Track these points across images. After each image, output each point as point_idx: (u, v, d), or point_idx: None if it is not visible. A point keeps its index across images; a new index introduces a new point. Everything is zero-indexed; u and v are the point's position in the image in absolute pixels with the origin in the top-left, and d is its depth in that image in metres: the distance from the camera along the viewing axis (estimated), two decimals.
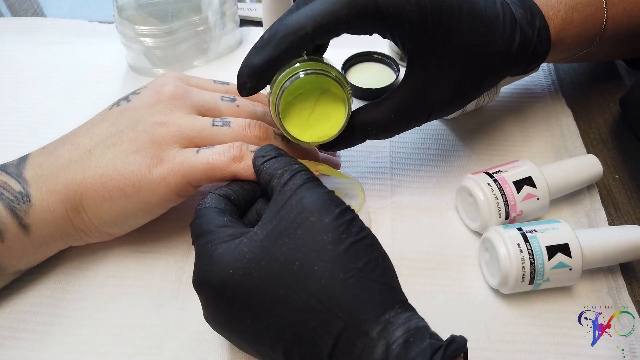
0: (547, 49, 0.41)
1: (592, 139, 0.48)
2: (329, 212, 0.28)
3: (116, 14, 0.51)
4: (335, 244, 0.27)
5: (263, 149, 0.34)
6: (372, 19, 0.33)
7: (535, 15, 0.40)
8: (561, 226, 0.36)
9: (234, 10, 0.56)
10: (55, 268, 0.38)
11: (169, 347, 0.35)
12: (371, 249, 0.29)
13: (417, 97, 0.37)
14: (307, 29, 0.31)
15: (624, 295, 0.37)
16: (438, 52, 0.36)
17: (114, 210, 0.35)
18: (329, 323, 0.26)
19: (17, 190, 0.34)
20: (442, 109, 0.39)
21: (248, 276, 0.28)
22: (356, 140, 0.38)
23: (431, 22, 0.34)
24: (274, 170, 0.32)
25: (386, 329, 0.26)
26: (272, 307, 0.27)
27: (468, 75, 0.38)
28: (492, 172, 0.39)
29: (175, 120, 0.36)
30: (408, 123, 0.39)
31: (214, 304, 0.30)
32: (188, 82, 0.40)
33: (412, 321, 0.26)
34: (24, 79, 0.54)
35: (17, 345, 0.35)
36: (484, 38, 0.37)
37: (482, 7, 0.37)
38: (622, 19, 0.43)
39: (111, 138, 0.36)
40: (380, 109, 0.37)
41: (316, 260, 0.27)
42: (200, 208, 0.32)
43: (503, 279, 0.35)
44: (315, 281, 0.27)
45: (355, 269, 0.27)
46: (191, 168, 0.34)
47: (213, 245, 0.29)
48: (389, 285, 0.28)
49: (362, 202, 0.39)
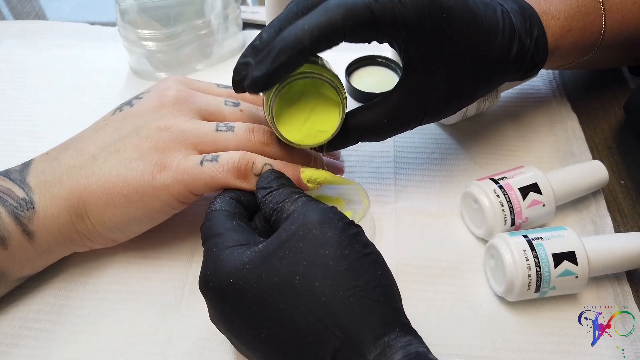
0: (544, 58, 0.41)
1: (597, 143, 0.48)
2: (332, 226, 0.28)
3: (118, 18, 0.51)
4: (337, 260, 0.27)
5: (265, 178, 0.34)
6: (368, 28, 0.33)
7: (534, 24, 0.39)
8: (567, 233, 0.36)
9: (237, 13, 0.56)
10: (59, 275, 0.38)
11: (172, 354, 0.35)
12: (374, 266, 0.28)
13: (410, 101, 0.37)
14: (305, 42, 0.31)
15: (630, 302, 0.37)
16: (434, 59, 0.35)
17: (118, 216, 0.35)
18: (326, 342, 0.26)
19: (20, 197, 0.34)
20: (434, 114, 0.39)
21: (248, 287, 0.27)
22: (349, 143, 0.38)
23: (429, 30, 0.34)
24: (275, 204, 0.32)
25: (384, 352, 0.25)
26: (272, 320, 0.27)
27: (463, 82, 0.37)
28: (497, 178, 0.39)
29: (179, 125, 0.36)
30: (400, 127, 0.38)
31: (216, 307, 0.30)
32: (191, 86, 0.39)
33: (412, 346, 0.26)
34: (25, 82, 0.54)
35: (19, 353, 0.35)
36: (481, 47, 0.36)
37: (482, 14, 0.36)
38: (621, 27, 0.43)
39: (115, 144, 0.36)
40: (373, 112, 0.37)
41: (317, 275, 0.27)
42: (210, 210, 0.33)
43: (508, 286, 0.35)
44: (314, 298, 0.26)
45: (357, 287, 0.26)
46: (194, 179, 0.34)
47: (218, 250, 0.29)
48: (390, 306, 0.27)
49: (366, 208, 0.39)
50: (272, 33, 0.33)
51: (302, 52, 0.31)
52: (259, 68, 0.32)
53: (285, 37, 0.32)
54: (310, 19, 0.32)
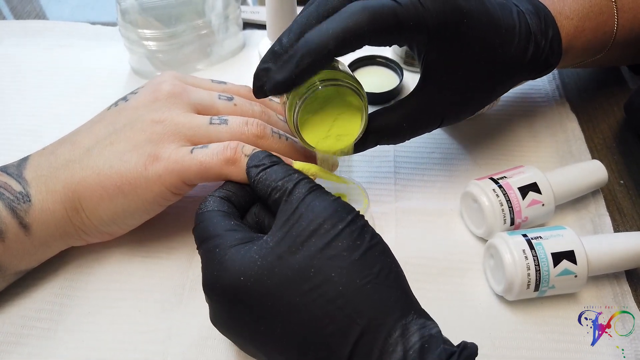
0: (559, 58, 0.41)
1: (596, 144, 0.48)
2: (341, 219, 0.28)
3: (119, 18, 0.51)
4: (350, 251, 0.27)
5: (255, 157, 0.33)
6: (392, 32, 0.33)
7: (549, 25, 0.40)
8: (566, 233, 0.36)
9: (237, 13, 0.56)
10: (60, 274, 0.38)
11: (172, 353, 0.35)
12: (384, 255, 0.29)
13: (429, 105, 0.37)
14: (330, 46, 0.31)
15: (629, 301, 0.37)
16: (453, 62, 0.36)
17: (112, 209, 0.35)
18: (348, 329, 0.26)
19: (17, 191, 0.34)
20: (453, 117, 0.39)
21: (260, 283, 0.27)
22: (368, 146, 0.38)
23: (450, 34, 0.34)
24: (272, 182, 0.31)
25: (403, 334, 0.26)
26: (287, 314, 0.27)
27: (480, 84, 0.38)
28: (497, 178, 0.39)
29: (173, 118, 0.36)
30: (419, 130, 0.39)
31: (224, 309, 0.29)
32: (186, 81, 0.40)
33: (427, 327, 0.27)
34: (26, 82, 0.54)
35: (22, 351, 0.35)
36: (499, 49, 0.37)
37: (500, 17, 0.37)
38: (633, 25, 0.43)
39: (109, 137, 0.36)
40: (392, 116, 0.37)
41: (332, 267, 0.27)
42: (202, 212, 0.32)
43: (508, 285, 0.35)
44: (332, 288, 0.27)
45: (372, 275, 0.27)
46: (185, 168, 0.34)
47: (222, 250, 0.29)
48: (404, 291, 0.28)
49: (366, 208, 0.39)
50: (292, 37, 0.33)
51: (326, 56, 0.32)
52: (281, 72, 0.32)
53: (308, 41, 0.32)
54: (335, 23, 0.32)
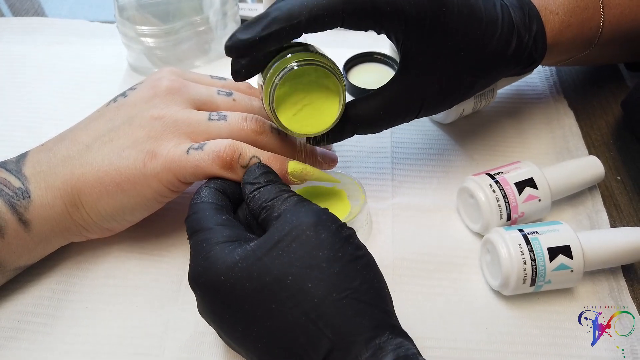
0: (543, 53, 0.41)
1: (593, 140, 0.48)
2: (325, 228, 0.28)
3: (117, 14, 0.51)
4: (330, 262, 0.27)
5: (252, 173, 0.33)
6: (367, 16, 0.32)
7: (533, 19, 0.39)
8: (563, 228, 0.36)
9: (235, 10, 0.56)
10: (57, 269, 0.38)
11: (169, 348, 0.35)
12: (367, 269, 0.28)
13: (407, 94, 0.37)
14: (301, 18, 0.31)
15: (625, 296, 0.37)
16: (432, 52, 0.36)
17: (111, 205, 0.35)
18: (318, 343, 0.26)
19: (16, 187, 0.34)
20: (431, 107, 0.39)
21: (240, 285, 0.27)
22: (345, 135, 0.38)
23: (429, 23, 0.34)
24: (264, 202, 0.31)
25: (376, 354, 0.25)
26: (263, 319, 0.27)
27: (460, 76, 0.37)
28: (493, 174, 0.39)
29: (172, 114, 0.36)
30: (396, 119, 0.38)
31: (206, 302, 0.29)
32: (184, 77, 0.39)
33: (402, 348, 0.26)
34: (24, 79, 0.54)
35: (18, 346, 0.35)
36: (480, 41, 0.37)
37: (482, 9, 0.37)
38: (620, 22, 0.43)
39: (108, 134, 0.36)
40: (370, 104, 0.37)
41: (310, 277, 0.27)
42: (195, 202, 0.32)
43: (504, 280, 0.35)
44: (307, 298, 0.26)
45: (350, 290, 0.26)
46: (181, 167, 0.34)
47: (208, 245, 0.29)
48: (381, 309, 0.27)
49: (363, 204, 0.39)
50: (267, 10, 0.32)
51: (295, 26, 0.31)
52: (246, 32, 0.31)
53: (281, 7, 0.31)
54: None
